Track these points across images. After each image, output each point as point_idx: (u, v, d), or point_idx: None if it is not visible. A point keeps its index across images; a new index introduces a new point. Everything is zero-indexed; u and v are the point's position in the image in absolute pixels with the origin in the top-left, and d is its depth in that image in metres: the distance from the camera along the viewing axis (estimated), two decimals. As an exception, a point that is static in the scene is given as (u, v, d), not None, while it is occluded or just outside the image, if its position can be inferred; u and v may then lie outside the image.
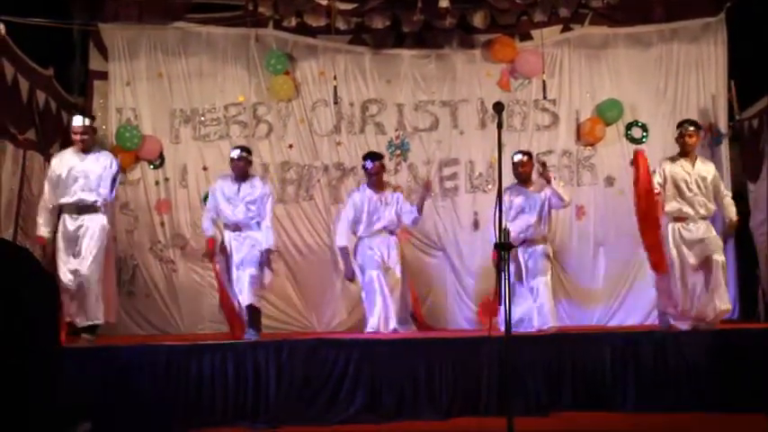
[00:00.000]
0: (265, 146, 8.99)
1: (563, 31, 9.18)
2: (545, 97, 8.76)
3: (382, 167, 7.91)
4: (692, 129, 7.29)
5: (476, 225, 8.84)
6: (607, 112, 8.92)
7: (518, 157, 7.72)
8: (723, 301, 7.05)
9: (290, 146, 8.98)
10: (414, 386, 6.51)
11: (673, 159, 7.33)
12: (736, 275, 8.66)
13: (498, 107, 5.04)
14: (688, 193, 7.19)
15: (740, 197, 8.72)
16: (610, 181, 8.97)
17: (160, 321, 8.65)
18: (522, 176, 7.71)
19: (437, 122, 9.06)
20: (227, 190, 7.41)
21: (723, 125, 8.90)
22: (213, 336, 7.55)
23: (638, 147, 8.07)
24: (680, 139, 7.31)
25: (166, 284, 8.72)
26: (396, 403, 6.47)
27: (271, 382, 6.45)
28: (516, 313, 6.98)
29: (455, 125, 9.09)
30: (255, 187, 7.42)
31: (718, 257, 7.07)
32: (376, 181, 7.83)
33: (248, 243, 7.29)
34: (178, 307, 8.62)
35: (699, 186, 7.21)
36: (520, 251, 7.46)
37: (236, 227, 7.34)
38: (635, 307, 8.70)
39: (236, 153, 7.49)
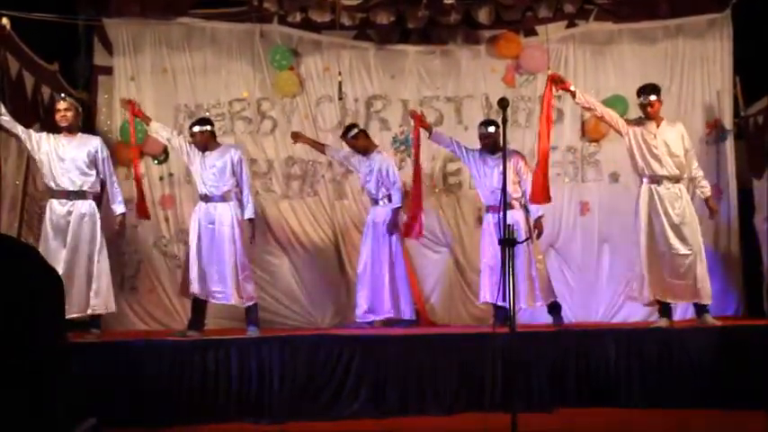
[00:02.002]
0: (270, 141, 8.99)
1: (568, 26, 9.16)
2: (550, 93, 8.75)
3: (356, 138, 8.09)
4: (652, 98, 7.26)
5: (480, 221, 8.81)
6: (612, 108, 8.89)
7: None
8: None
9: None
10: (418, 382, 6.52)
11: (637, 122, 7.37)
12: (741, 272, 8.66)
13: (503, 103, 5.06)
14: (654, 151, 7.19)
15: (745, 193, 8.73)
16: (614, 177, 8.95)
17: (164, 317, 8.66)
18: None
19: (442, 118, 9.04)
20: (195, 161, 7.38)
21: (728, 121, 8.88)
22: (217, 331, 7.54)
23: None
24: (642, 108, 7.33)
25: (170, 280, 8.71)
26: (400, 399, 6.49)
27: (275, 378, 6.46)
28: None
29: (460, 121, 9.08)
30: (224, 154, 7.36)
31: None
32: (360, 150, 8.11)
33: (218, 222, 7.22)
34: (182, 302, 8.61)
35: (666, 146, 7.20)
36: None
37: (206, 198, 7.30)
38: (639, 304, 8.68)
39: (195, 128, 7.37)
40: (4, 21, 6.96)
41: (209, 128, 7.40)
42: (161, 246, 8.80)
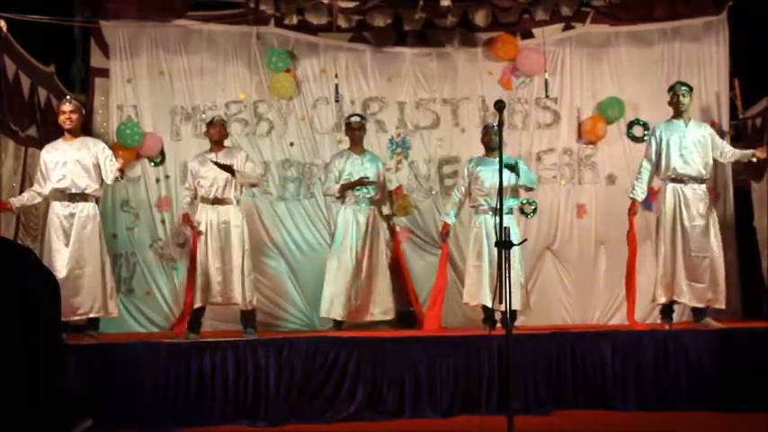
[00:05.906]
0: (266, 144, 8.98)
1: (565, 29, 9.16)
2: (546, 95, 8.77)
3: (359, 126, 8.09)
4: (684, 89, 7.34)
5: (476, 223, 8.82)
6: (608, 111, 8.91)
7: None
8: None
9: (291, 144, 8.97)
10: (414, 384, 6.52)
11: (667, 122, 7.41)
12: (738, 274, 8.66)
13: (499, 105, 5.05)
14: (683, 152, 7.20)
15: (743, 196, 8.73)
16: (611, 179, 8.96)
17: (160, 319, 8.65)
18: None
19: (438, 120, 9.05)
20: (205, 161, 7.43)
21: (725, 124, 8.89)
22: (213, 334, 7.54)
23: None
24: (673, 98, 7.38)
25: (167, 282, 8.71)
26: (396, 401, 6.49)
27: (271, 380, 6.46)
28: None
29: (456, 123, 9.08)
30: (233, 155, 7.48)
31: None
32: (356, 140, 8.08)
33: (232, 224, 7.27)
34: (178, 305, 8.60)
35: (695, 145, 7.24)
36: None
37: (215, 200, 7.33)
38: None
39: (215, 118, 7.64)
40: (1, 23, 6.95)
41: (225, 127, 7.64)
42: (157, 248, 8.78)
